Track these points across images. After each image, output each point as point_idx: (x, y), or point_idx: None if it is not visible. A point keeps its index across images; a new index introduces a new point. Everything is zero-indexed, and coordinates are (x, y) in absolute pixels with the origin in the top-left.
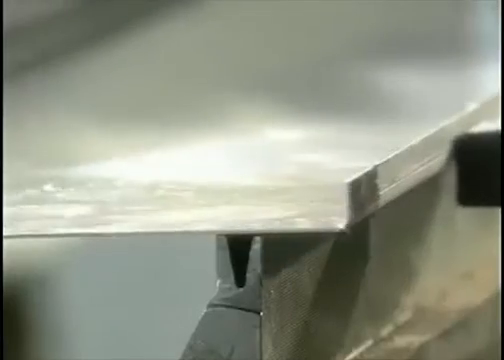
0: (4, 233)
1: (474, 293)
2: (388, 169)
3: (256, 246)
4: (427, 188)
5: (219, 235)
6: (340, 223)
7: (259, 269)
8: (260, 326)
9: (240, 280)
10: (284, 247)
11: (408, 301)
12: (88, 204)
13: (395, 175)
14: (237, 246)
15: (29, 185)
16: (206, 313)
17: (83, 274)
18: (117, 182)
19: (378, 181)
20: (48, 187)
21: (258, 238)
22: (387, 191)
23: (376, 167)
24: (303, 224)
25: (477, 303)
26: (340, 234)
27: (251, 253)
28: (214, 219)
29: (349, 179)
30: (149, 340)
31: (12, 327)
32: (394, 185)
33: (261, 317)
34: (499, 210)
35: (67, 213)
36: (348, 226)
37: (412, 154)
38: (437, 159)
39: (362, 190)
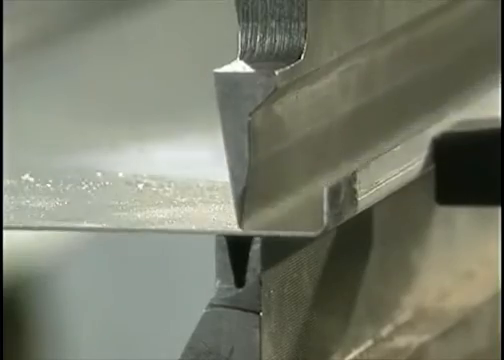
0: None
1: (474, 293)
2: (367, 174)
3: (256, 246)
4: (427, 187)
5: (218, 235)
6: (317, 229)
7: (258, 269)
8: (260, 326)
9: (239, 280)
10: (284, 247)
11: (408, 301)
12: (66, 197)
13: (374, 180)
14: (236, 246)
15: (7, 174)
16: (205, 313)
17: (83, 274)
18: (96, 175)
19: (357, 186)
20: (26, 177)
21: (258, 238)
22: (366, 197)
23: (355, 172)
24: (279, 228)
25: (477, 303)
26: (317, 238)
27: (250, 253)
28: (192, 217)
29: (328, 184)
30: (149, 340)
31: (12, 327)
32: (373, 190)
33: (261, 317)
34: (499, 210)
35: (46, 205)
36: (325, 232)
37: (392, 159)
38: (417, 164)
39: (341, 195)
